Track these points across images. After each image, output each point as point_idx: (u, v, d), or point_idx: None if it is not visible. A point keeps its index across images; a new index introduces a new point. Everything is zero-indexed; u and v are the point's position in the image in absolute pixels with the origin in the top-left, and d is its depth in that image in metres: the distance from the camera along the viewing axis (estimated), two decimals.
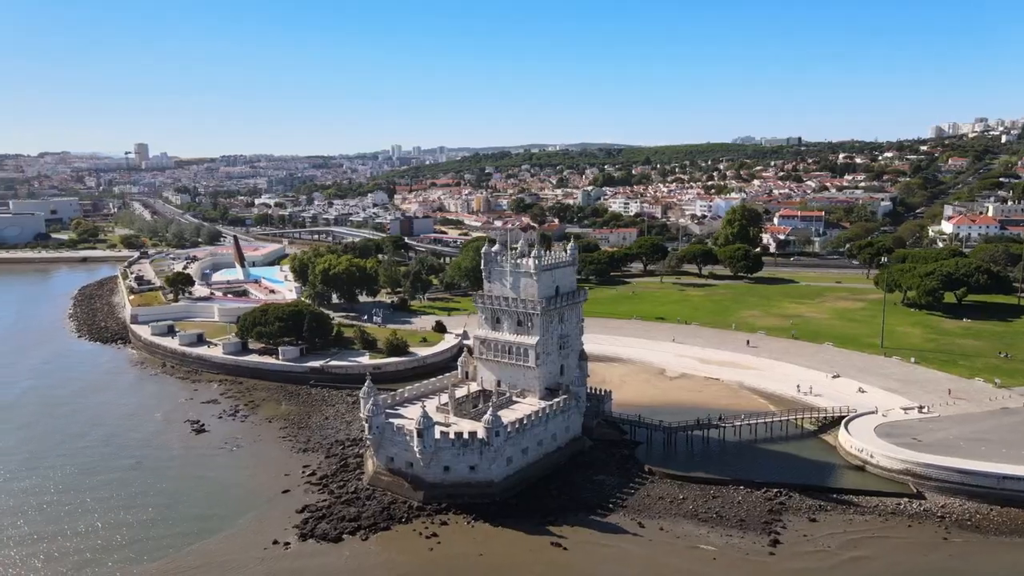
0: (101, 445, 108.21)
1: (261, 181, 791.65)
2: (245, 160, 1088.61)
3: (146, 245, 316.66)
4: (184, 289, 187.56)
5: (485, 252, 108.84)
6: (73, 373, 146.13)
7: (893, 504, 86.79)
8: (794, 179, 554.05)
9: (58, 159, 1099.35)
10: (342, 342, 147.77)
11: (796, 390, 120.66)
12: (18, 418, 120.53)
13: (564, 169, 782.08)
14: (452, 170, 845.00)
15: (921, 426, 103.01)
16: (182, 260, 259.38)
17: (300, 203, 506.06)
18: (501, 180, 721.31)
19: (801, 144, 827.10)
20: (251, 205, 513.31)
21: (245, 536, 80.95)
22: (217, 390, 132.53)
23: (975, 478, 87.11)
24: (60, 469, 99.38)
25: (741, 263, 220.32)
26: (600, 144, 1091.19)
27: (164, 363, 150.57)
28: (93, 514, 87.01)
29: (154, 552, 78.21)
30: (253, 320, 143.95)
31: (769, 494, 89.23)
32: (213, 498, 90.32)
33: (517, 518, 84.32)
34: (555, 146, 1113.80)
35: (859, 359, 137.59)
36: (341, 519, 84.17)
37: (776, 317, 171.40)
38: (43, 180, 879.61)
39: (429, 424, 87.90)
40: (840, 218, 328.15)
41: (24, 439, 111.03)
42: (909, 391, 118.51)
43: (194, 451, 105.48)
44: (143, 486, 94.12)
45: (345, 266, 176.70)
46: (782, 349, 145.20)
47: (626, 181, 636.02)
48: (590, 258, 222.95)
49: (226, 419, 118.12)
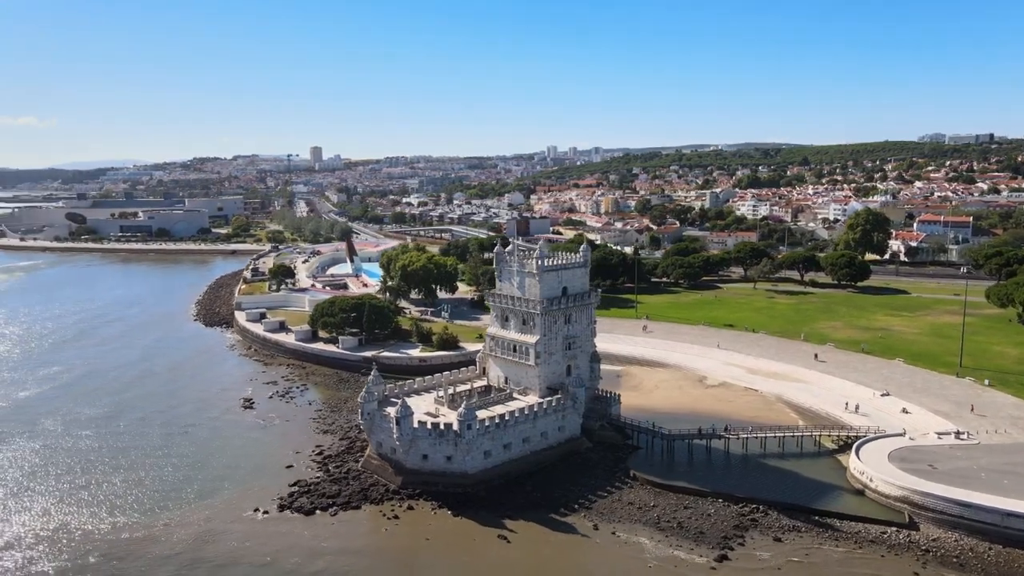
0: (162, 412, 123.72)
1: (414, 182, 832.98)
2: (406, 162, 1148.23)
3: (286, 240, 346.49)
4: (285, 280, 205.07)
5: (497, 252, 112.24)
6: (174, 350, 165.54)
7: (877, 532, 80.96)
8: (965, 180, 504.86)
9: (247, 161, 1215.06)
10: (400, 334, 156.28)
11: (836, 406, 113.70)
12: (113, 385, 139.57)
13: (714, 170, 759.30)
14: (599, 171, 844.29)
15: (947, 453, 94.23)
16: (306, 254, 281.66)
17: (440, 203, 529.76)
18: (646, 181, 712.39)
19: (992, 141, 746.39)
20: (396, 204, 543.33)
21: (233, 502, 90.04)
22: (280, 373, 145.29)
23: (976, 512, 79.16)
24: (121, 427, 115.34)
25: (844, 271, 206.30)
26: (768, 144, 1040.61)
27: (250, 346, 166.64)
28: (120, 468, 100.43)
29: (145, 507, 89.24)
30: (322, 311, 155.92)
31: (745, 509, 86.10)
32: (225, 466, 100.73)
33: (480, 510, 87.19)
34: (717, 146, 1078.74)
35: (924, 378, 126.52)
36: (322, 495, 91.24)
37: (857, 329, 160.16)
38: (232, 180, 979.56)
39: (406, 413, 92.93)
40: (993, 224, 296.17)
41: (111, 403, 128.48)
42: (961, 415, 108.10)
43: (232, 424, 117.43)
44: (174, 448, 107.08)
45: (423, 263, 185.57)
46: (845, 363, 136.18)
47: (774, 183, 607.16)
48: (680, 262, 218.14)
49: (275, 399, 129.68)
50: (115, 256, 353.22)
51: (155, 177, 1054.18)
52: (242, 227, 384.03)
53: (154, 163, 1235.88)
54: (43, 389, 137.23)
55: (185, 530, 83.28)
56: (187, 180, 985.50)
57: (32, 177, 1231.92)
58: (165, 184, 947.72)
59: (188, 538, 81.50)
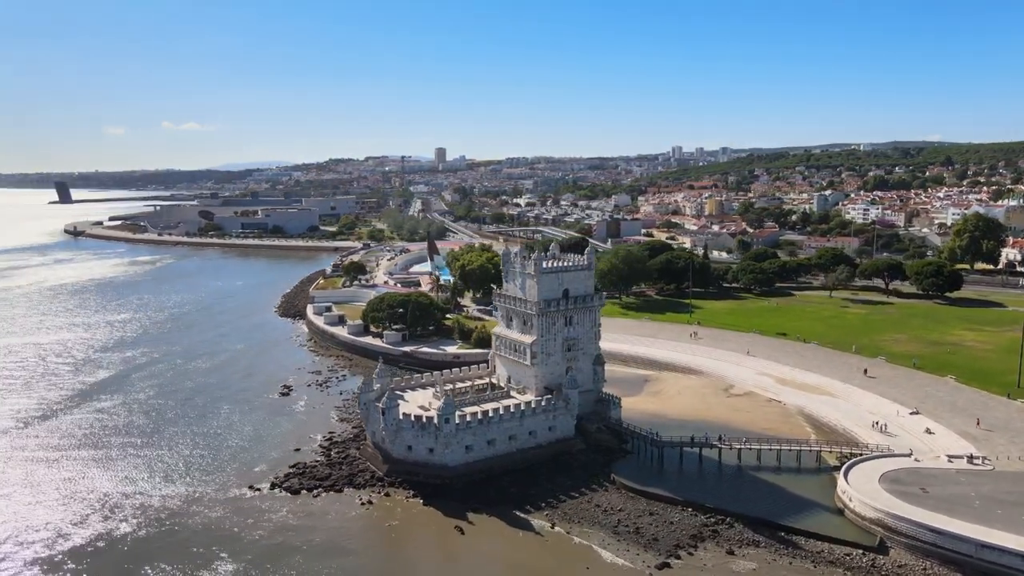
0: (204, 393, 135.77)
1: (529, 182, 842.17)
2: (526, 162, 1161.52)
3: (384, 238, 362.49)
4: (357, 276, 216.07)
5: (504, 253, 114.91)
6: (244, 338, 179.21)
7: (841, 553, 77.45)
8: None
9: (377, 162, 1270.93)
10: (443, 331, 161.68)
11: (857, 422, 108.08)
12: (173, 369, 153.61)
13: (843, 171, 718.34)
14: (719, 172, 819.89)
15: (949, 477, 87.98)
16: (394, 252, 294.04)
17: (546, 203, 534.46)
18: (766, 183, 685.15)
19: None
20: (503, 204, 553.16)
21: (232, 478, 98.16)
22: (328, 363, 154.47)
23: (948, 540, 74.09)
24: (165, 405, 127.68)
25: (930, 280, 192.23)
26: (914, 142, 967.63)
27: (312, 337, 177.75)
28: (146, 441, 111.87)
29: (149, 476, 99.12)
30: (373, 306, 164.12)
31: (711, 520, 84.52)
32: (239, 446, 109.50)
33: (451, 501, 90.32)
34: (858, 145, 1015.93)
35: (970, 397, 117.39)
36: (313, 477, 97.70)
37: (923, 344, 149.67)
38: (360, 180, 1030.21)
39: (391, 404, 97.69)
40: None
41: (166, 384, 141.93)
42: (990, 438, 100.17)
43: (263, 408, 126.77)
44: (201, 427, 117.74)
45: (481, 263, 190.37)
46: (890, 379, 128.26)
47: (905, 184, 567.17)
48: (752, 267, 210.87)
49: (313, 388, 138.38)
50: (235, 251, 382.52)
51: (293, 177, 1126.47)
52: (347, 225, 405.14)
53: (294, 164, 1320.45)
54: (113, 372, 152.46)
55: (172, 501, 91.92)
56: (320, 180, 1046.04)
57: (189, 178, 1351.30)
58: (301, 184, 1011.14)
59: (172, 508, 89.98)
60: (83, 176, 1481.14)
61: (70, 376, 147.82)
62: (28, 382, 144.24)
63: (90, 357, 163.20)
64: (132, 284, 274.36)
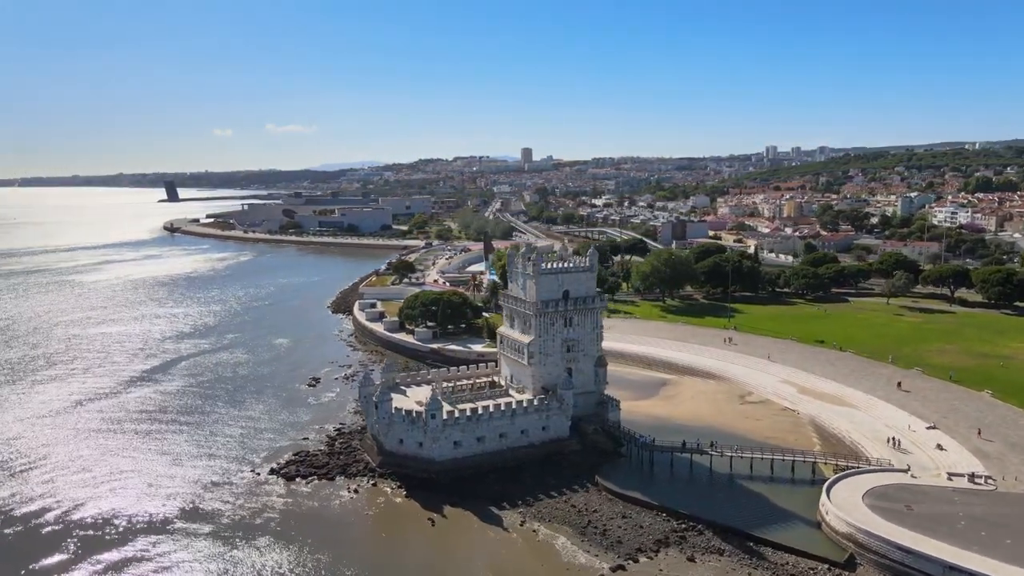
0: (238, 381, 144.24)
1: (611, 183, 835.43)
2: (612, 163, 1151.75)
3: (451, 238, 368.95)
4: (407, 275, 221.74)
5: (509, 254, 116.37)
6: (291, 332, 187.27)
7: (806, 567, 75.35)
8: None
9: (465, 163, 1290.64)
10: (474, 329, 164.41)
11: (869, 435, 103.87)
12: (217, 358, 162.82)
13: (947, 172, 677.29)
14: (810, 172, 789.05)
15: (942, 495, 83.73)
16: (454, 252, 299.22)
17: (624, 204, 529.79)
18: (861, 184, 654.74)
19: None
20: (580, 205, 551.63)
21: (235, 463, 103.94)
22: (360, 357, 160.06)
23: (916, 560, 70.99)
24: (198, 390, 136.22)
25: (996, 288, 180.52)
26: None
27: (354, 333, 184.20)
28: (171, 421, 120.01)
29: (160, 455, 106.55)
30: (408, 304, 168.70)
31: (681, 525, 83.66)
32: (252, 432, 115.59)
33: (432, 494, 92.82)
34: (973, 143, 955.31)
35: (1002, 414, 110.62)
36: (310, 465, 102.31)
37: (972, 356, 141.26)
38: (447, 180, 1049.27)
39: (384, 398, 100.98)
40: None
41: (208, 372, 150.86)
42: (1004, 458, 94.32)
43: (287, 397, 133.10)
44: (224, 413, 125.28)
45: None
46: (921, 391, 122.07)
47: (1012, 186, 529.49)
48: (805, 271, 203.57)
49: (339, 380, 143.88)
50: (310, 248, 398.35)
51: (383, 177, 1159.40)
52: (417, 224, 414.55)
53: (385, 164, 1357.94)
54: (156, 363, 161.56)
55: (172, 480, 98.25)
56: (409, 180, 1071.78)
57: (288, 178, 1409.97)
58: (390, 183, 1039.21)
59: (168, 487, 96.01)
60: (193, 176, 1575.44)
61: (125, 363, 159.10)
62: (88, 367, 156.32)
63: (144, 347, 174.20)
64: (209, 279, 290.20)
